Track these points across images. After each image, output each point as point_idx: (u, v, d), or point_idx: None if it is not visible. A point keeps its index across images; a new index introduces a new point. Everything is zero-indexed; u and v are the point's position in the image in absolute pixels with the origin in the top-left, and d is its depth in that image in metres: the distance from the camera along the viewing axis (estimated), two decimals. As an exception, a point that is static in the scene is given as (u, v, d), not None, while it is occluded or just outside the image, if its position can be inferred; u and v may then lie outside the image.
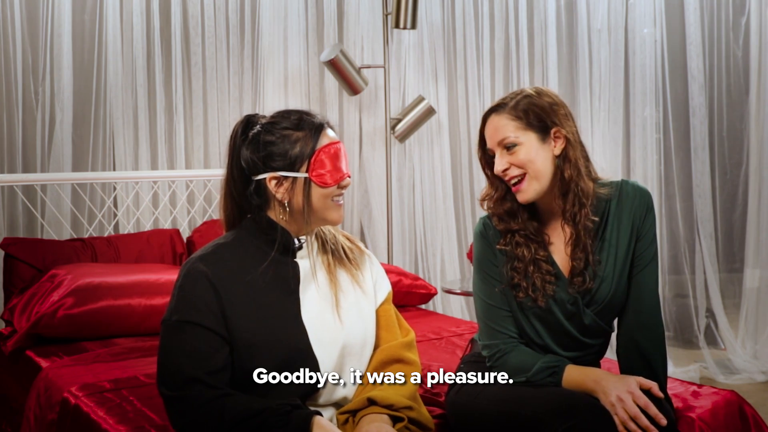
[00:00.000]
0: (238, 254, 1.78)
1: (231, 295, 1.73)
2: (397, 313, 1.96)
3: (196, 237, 3.55)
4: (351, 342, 1.79)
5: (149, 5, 3.80)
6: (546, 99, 1.89)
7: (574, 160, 1.87)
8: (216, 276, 1.73)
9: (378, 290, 1.91)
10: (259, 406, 1.62)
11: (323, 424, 1.61)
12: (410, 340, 1.90)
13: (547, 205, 1.93)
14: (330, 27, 4.15)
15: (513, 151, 1.87)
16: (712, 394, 2.11)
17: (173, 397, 1.66)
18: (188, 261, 1.77)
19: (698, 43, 4.63)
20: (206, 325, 1.69)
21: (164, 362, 1.70)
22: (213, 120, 3.95)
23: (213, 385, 1.65)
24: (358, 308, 1.84)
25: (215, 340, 1.69)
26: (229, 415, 1.61)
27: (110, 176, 3.64)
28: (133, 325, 2.90)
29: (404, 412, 1.72)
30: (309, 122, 1.79)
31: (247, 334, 1.71)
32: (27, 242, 3.28)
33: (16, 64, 3.60)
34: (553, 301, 1.90)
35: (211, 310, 1.70)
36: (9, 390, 2.92)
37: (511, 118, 1.88)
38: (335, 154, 1.78)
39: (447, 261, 4.37)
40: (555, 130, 1.88)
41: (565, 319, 1.90)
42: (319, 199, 1.77)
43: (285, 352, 1.72)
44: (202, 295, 1.71)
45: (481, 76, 4.47)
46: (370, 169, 4.24)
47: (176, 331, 1.70)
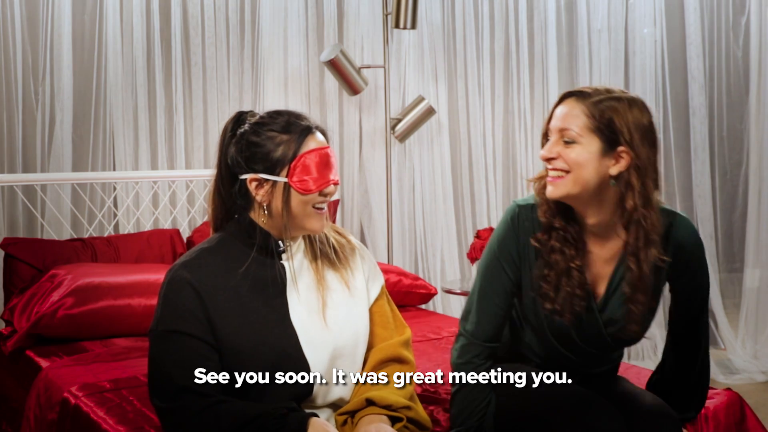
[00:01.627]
0: (222, 258, 1.76)
1: (216, 301, 1.71)
2: (393, 307, 1.93)
3: (196, 237, 3.55)
4: (342, 344, 1.77)
5: (149, 5, 3.80)
6: (634, 114, 1.68)
7: (638, 188, 1.67)
8: (200, 282, 1.71)
9: (371, 287, 1.88)
10: (254, 411, 1.61)
11: (320, 424, 1.61)
12: (407, 338, 1.89)
13: (602, 227, 1.76)
14: (330, 27, 4.15)
15: (569, 146, 1.70)
16: (712, 395, 2.10)
17: (166, 408, 1.64)
18: (172, 268, 1.75)
19: (698, 43, 4.63)
20: (193, 334, 1.67)
21: (154, 373, 1.68)
22: (213, 120, 3.95)
23: (205, 393, 1.63)
24: (348, 309, 1.81)
25: (203, 347, 1.67)
26: (225, 422, 1.60)
27: (110, 176, 3.63)
28: (133, 325, 2.90)
29: (403, 412, 1.72)
30: (296, 125, 1.75)
31: (234, 339, 1.69)
32: (27, 242, 3.28)
33: (16, 64, 3.60)
34: (577, 320, 1.78)
35: (197, 317, 1.68)
36: (9, 390, 2.92)
37: (586, 113, 1.69)
38: (320, 160, 1.73)
39: (447, 261, 4.37)
40: (622, 150, 1.68)
41: (581, 341, 1.81)
42: (299, 206, 1.73)
43: (274, 355, 1.70)
44: (187, 304, 1.69)
45: (481, 76, 4.47)
46: (370, 169, 4.24)
47: (163, 341, 1.68)
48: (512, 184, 4.56)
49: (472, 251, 3.73)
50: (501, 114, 4.51)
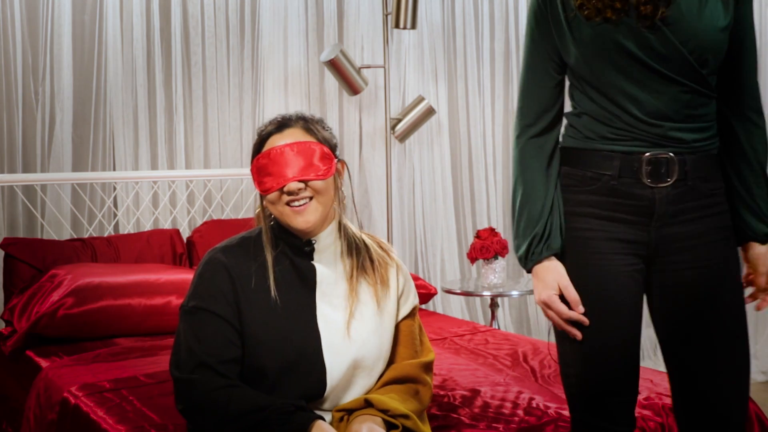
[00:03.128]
0: (260, 249, 1.77)
1: (248, 289, 1.73)
2: (422, 330, 1.91)
3: (196, 237, 3.55)
4: (364, 355, 1.76)
5: (149, 5, 3.80)
6: None
7: None
8: (235, 268, 1.74)
9: (402, 304, 1.86)
10: (264, 403, 1.63)
11: (324, 428, 1.60)
12: (429, 361, 1.86)
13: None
14: (330, 27, 4.15)
15: None
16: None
17: (183, 379, 1.67)
18: (212, 250, 1.78)
19: (698, 43, 4.62)
20: (221, 315, 1.70)
21: (178, 346, 1.72)
22: (213, 120, 3.95)
23: (223, 373, 1.66)
24: (374, 325, 1.79)
25: (229, 330, 1.70)
26: (234, 405, 1.62)
27: (110, 176, 3.64)
28: (133, 325, 2.90)
29: (400, 420, 1.69)
30: (266, 128, 1.78)
31: (257, 329, 1.71)
32: (27, 242, 3.28)
33: (16, 64, 3.60)
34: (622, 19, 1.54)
35: (228, 300, 1.71)
36: (9, 390, 2.92)
37: None
38: (274, 158, 1.72)
39: (447, 261, 4.37)
40: None
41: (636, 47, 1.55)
42: (272, 206, 1.74)
43: (294, 353, 1.71)
44: (220, 285, 1.72)
45: (481, 76, 4.47)
46: (370, 169, 4.24)
47: (192, 317, 1.72)
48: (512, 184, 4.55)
49: (472, 251, 3.73)
50: (501, 114, 4.51)
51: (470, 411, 2.05)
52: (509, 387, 2.23)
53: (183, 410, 1.68)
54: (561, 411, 2.01)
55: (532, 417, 2.00)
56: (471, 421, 1.97)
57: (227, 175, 3.84)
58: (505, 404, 2.10)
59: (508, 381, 2.30)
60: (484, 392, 2.19)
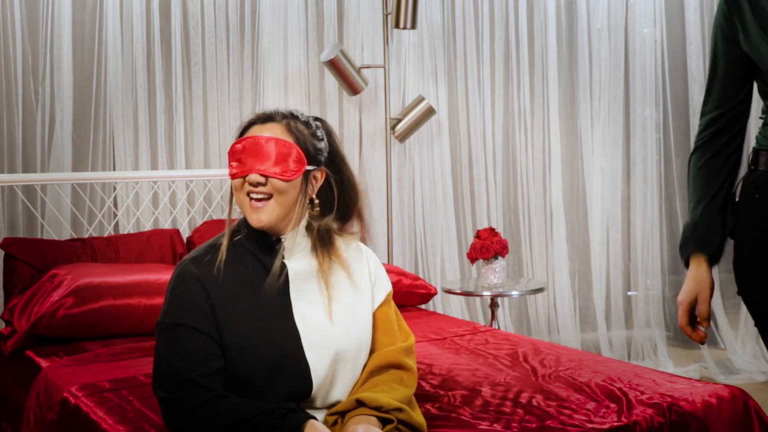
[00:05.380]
0: (229, 255, 1.77)
1: (222, 297, 1.72)
2: (399, 314, 1.93)
3: (196, 237, 3.54)
4: (345, 347, 1.77)
5: (149, 5, 3.80)
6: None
7: None
8: (207, 278, 1.73)
9: (376, 292, 1.88)
10: (253, 409, 1.62)
11: (317, 427, 1.60)
12: (410, 345, 1.87)
13: None
14: (330, 27, 4.15)
15: None
16: (716, 390, 2.10)
17: (168, 398, 1.66)
18: (181, 262, 1.77)
19: (698, 43, 4.63)
20: (199, 328, 1.69)
21: (159, 365, 1.70)
22: (213, 120, 3.95)
23: (208, 386, 1.65)
24: (353, 312, 1.81)
25: (209, 342, 1.69)
26: (223, 417, 1.61)
27: (110, 176, 3.63)
28: (133, 325, 2.90)
29: (394, 414, 1.69)
30: (253, 117, 1.83)
31: (237, 337, 1.71)
32: (27, 242, 3.28)
33: (16, 64, 3.60)
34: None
35: (203, 312, 1.70)
36: (9, 390, 2.92)
37: None
38: (247, 147, 1.75)
39: (447, 261, 4.37)
40: None
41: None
42: (236, 192, 1.77)
43: (276, 355, 1.71)
44: (194, 298, 1.71)
45: (481, 76, 4.47)
46: (370, 169, 4.24)
47: (170, 334, 1.70)
48: (512, 184, 4.55)
49: (472, 251, 3.73)
50: (501, 114, 4.51)
51: (470, 410, 2.05)
52: (509, 387, 2.23)
53: (173, 430, 1.67)
54: (561, 410, 2.00)
55: (532, 416, 2.00)
56: (471, 421, 1.97)
57: (227, 175, 3.83)
58: (506, 403, 2.10)
59: (509, 381, 2.29)
60: (484, 392, 2.19)
